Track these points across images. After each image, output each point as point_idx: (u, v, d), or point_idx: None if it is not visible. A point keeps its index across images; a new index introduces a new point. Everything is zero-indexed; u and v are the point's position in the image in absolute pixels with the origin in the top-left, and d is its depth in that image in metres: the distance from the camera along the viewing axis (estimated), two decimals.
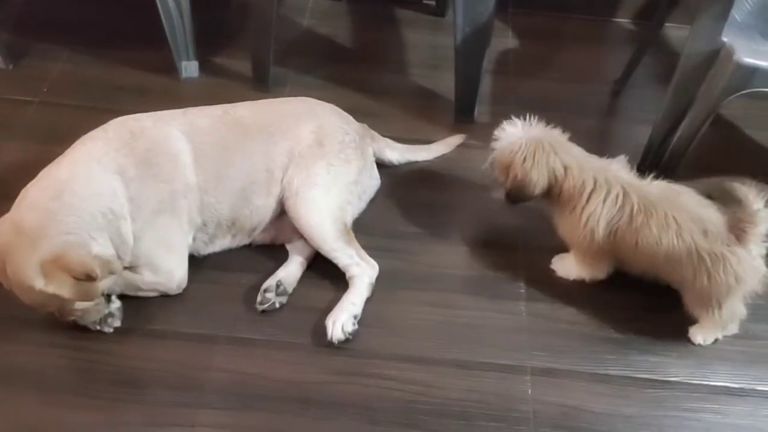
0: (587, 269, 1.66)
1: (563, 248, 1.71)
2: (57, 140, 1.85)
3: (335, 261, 1.64)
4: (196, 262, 1.66)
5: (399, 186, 1.91)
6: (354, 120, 1.83)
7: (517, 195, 1.59)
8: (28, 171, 1.50)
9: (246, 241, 1.72)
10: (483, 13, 1.84)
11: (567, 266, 1.70)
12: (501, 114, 2.17)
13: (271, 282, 1.62)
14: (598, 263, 1.63)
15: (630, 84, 2.24)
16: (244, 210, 1.65)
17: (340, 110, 1.82)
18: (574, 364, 1.56)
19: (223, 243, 1.70)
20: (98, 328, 1.53)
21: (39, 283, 1.36)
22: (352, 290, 1.61)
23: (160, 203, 1.53)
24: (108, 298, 1.54)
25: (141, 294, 1.60)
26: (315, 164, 1.67)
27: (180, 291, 1.61)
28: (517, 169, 1.55)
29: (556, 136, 1.60)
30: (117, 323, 1.54)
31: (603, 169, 1.58)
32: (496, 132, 1.61)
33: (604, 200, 1.53)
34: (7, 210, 1.46)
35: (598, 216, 1.53)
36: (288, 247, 1.71)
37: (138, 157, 1.52)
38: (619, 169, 1.59)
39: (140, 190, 1.50)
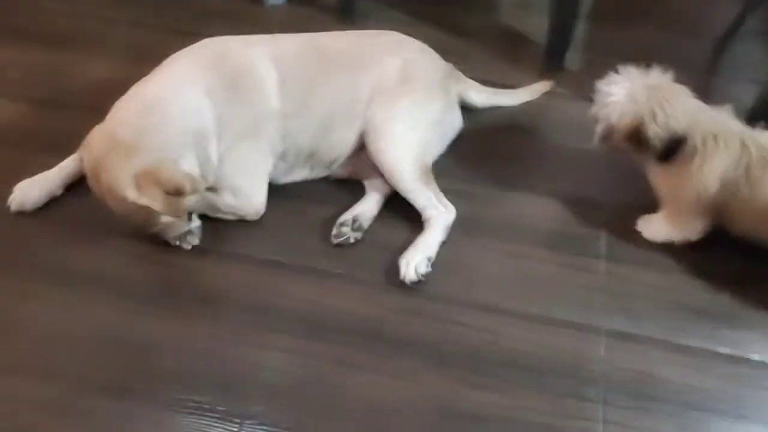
0: (679, 230, 1.57)
1: (651, 208, 1.64)
2: (143, 59, 1.87)
3: (412, 201, 1.62)
4: (274, 190, 1.65)
5: (481, 130, 1.86)
6: (441, 58, 1.78)
7: (626, 144, 1.51)
8: (117, 88, 1.52)
9: (324, 173, 1.71)
10: None
11: (655, 227, 1.62)
12: (593, 63, 2.10)
13: (347, 216, 1.61)
14: (693, 223, 1.54)
15: (735, 40, 2.09)
16: (324, 142, 1.64)
17: (427, 47, 1.77)
18: (652, 330, 1.50)
19: (302, 173, 1.69)
20: (178, 243, 1.56)
21: (132, 194, 1.39)
22: (428, 232, 1.59)
23: (245, 126, 1.53)
24: (189, 216, 1.56)
25: (220, 215, 1.61)
26: (399, 100, 1.63)
27: (258, 217, 1.62)
28: (635, 118, 1.46)
29: (677, 86, 1.50)
30: (196, 241, 1.57)
31: (721, 121, 1.48)
32: (607, 78, 1.52)
33: (723, 153, 1.44)
34: (97, 123, 1.49)
35: (714, 170, 1.45)
36: (365, 183, 1.69)
37: (225, 79, 1.51)
38: (732, 119, 1.50)
39: (226, 112, 1.51)
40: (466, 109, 1.84)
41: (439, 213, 1.61)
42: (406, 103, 1.63)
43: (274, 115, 1.57)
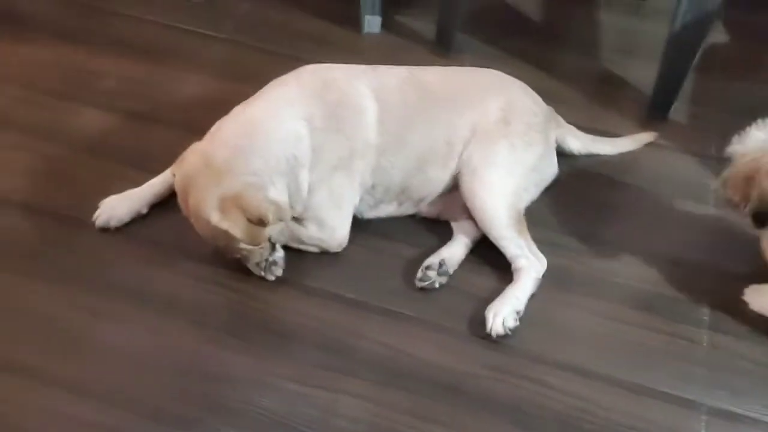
0: None
1: (760, 277, 1.52)
2: (238, 79, 1.90)
3: (503, 249, 1.54)
4: (358, 224, 1.60)
5: (577, 179, 1.76)
6: (542, 101, 1.71)
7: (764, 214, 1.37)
8: (210, 106, 1.52)
9: (411, 210, 1.65)
10: (713, 1, 1.63)
11: (765, 299, 1.50)
12: (700, 116, 1.99)
13: (434, 260, 1.54)
14: None
15: None
16: (416, 179, 1.58)
17: (528, 88, 1.70)
18: (759, 411, 1.37)
19: (388, 209, 1.63)
20: (261, 273, 1.52)
21: (214, 217, 1.37)
22: (518, 283, 1.50)
23: (340, 159, 1.49)
24: (273, 246, 1.52)
25: (302, 247, 1.57)
26: (498, 143, 1.56)
27: (339, 250, 1.57)
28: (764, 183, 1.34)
29: None
30: (279, 272, 1.52)
31: None
32: (735, 137, 1.41)
33: None
34: (189, 142, 1.48)
35: None
36: (453, 225, 1.62)
37: (327, 108, 1.48)
38: None
39: (324, 142, 1.47)
40: (562, 154, 1.75)
41: (531, 264, 1.52)
42: (504, 147, 1.56)
43: (371, 148, 1.52)
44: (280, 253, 1.54)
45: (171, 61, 2.04)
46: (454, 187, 1.61)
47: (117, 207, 1.60)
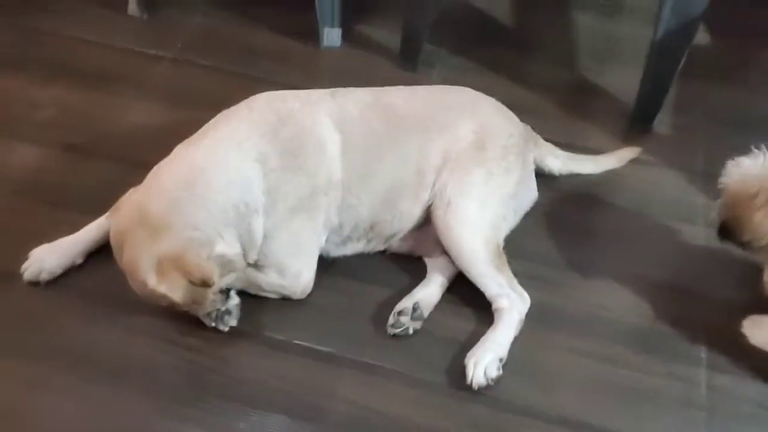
0: None
1: (758, 308, 1.40)
2: (189, 104, 1.74)
3: (482, 288, 1.41)
4: (323, 264, 1.45)
5: (558, 202, 1.64)
6: (517, 120, 1.57)
7: (736, 238, 1.29)
8: (158, 136, 1.37)
9: (381, 247, 1.51)
10: (698, 4, 1.51)
11: (765, 332, 1.39)
12: (685, 126, 1.87)
13: (406, 304, 1.41)
14: None
15: None
16: (386, 214, 1.44)
17: (502, 107, 1.56)
18: None
19: (356, 247, 1.49)
20: (213, 324, 1.37)
21: (151, 280, 1.23)
22: (499, 326, 1.37)
23: (299, 200, 1.35)
24: (227, 293, 1.38)
25: (261, 294, 1.42)
26: (472, 171, 1.43)
27: (304, 296, 1.43)
28: (751, 214, 1.24)
29: None
30: (233, 322, 1.37)
31: None
32: (728, 164, 1.30)
33: None
34: (133, 178, 1.33)
35: None
36: (427, 261, 1.49)
37: (283, 146, 1.33)
38: None
39: (280, 184, 1.32)
40: (540, 175, 1.62)
41: (513, 303, 1.39)
42: (480, 176, 1.42)
43: (334, 186, 1.38)
44: (234, 301, 1.39)
45: (114, 86, 1.86)
46: (426, 221, 1.47)
47: (48, 258, 1.43)
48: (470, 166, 1.42)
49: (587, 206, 1.64)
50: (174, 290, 1.23)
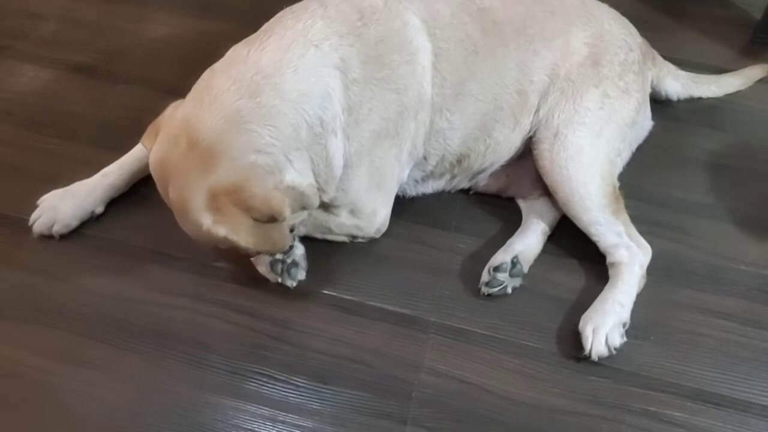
0: None
1: None
2: (221, 15, 1.46)
3: (595, 237, 1.15)
4: (397, 207, 1.19)
5: (675, 131, 1.36)
6: (636, 31, 1.27)
7: None
8: (184, 55, 1.11)
9: (465, 184, 1.25)
10: None
11: None
12: None
13: (503, 257, 1.15)
14: None
15: None
16: (479, 144, 1.17)
17: (618, 14, 1.26)
18: None
19: (437, 184, 1.24)
20: (278, 279, 1.12)
21: (206, 220, 0.95)
22: (619, 284, 1.12)
23: (385, 121, 1.07)
24: (291, 240, 1.12)
25: (329, 237, 1.18)
26: (586, 93, 1.15)
27: (378, 236, 1.18)
28: None
29: None
30: (302, 275, 1.13)
31: None
32: None
33: None
34: (158, 104, 1.03)
35: None
36: (522, 204, 1.23)
37: (367, 51, 1.04)
38: None
39: (363, 99, 1.04)
40: (654, 100, 1.32)
41: (634, 255, 1.14)
42: (595, 98, 1.14)
43: (424, 105, 1.10)
44: (300, 250, 1.14)
45: None
46: (524, 154, 1.21)
47: (61, 207, 1.18)
48: (583, 87, 1.14)
49: (707, 135, 1.36)
50: (237, 231, 0.96)
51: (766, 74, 1.41)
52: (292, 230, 1.08)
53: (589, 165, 1.13)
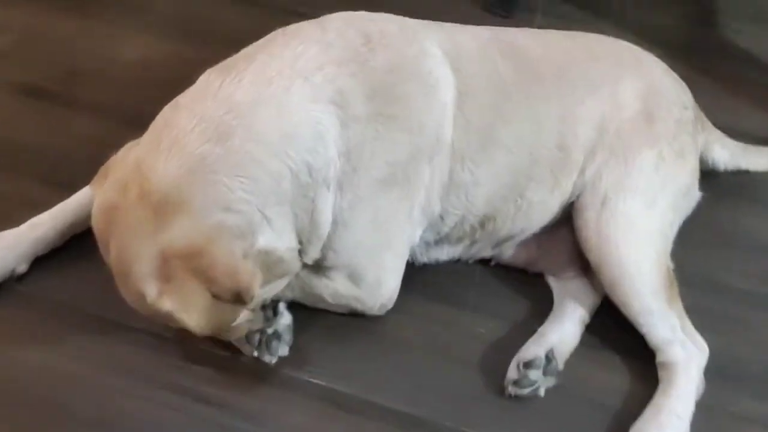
0: None
1: None
2: (204, 38, 1.31)
3: (644, 329, 0.96)
4: (403, 275, 0.98)
5: (723, 206, 1.17)
6: (687, 88, 1.10)
7: None
8: (160, 81, 0.97)
9: (487, 253, 1.06)
10: None
11: None
12: None
13: (536, 351, 0.94)
14: None
15: None
16: (507, 205, 0.99)
17: (668, 67, 1.10)
18: None
19: (453, 251, 1.04)
20: (255, 354, 0.91)
21: (150, 289, 0.77)
22: (674, 390, 0.92)
23: (392, 167, 0.88)
24: (274, 308, 0.91)
25: (322, 307, 0.97)
26: (639, 153, 0.97)
27: (382, 313, 0.98)
28: None
29: None
30: (284, 350, 0.91)
31: None
32: None
33: None
34: (122, 137, 0.88)
35: None
36: (553, 284, 1.04)
37: (373, 82, 0.87)
38: None
39: (365, 139, 0.86)
40: None
41: (690, 355, 0.94)
42: (649, 160, 0.97)
43: (443, 149, 0.92)
44: (284, 320, 0.92)
45: (104, 11, 1.39)
46: (560, 222, 1.02)
47: None
48: (635, 146, 0.97)
49: (758, 213, 1.19)
50: (187, 308, 0.77)
51: None
52: (266, 305, 0.89)
53: (642, 239, 0.95)
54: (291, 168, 0.82)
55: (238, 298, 0.78)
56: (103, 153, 0.88)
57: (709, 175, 1.18)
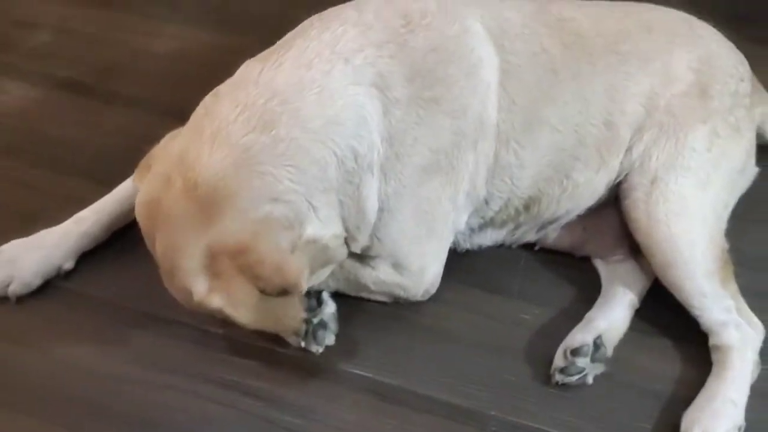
0: None
1: None
2: (239, 28, 1.29)
3: (697, 312, 0.92)
4: (446, 263, 0.96)
5: None
6: (744, 59, 1.04)
7: None
8: (196, 74, 0.96)
9: (531, 237, 1.03)
10: None
11: None
12: None
13: (584, 338, 0.92)
14: None
15: None
16: (552, 186, 0.96)
17: (724, 37, 1.04)
18: None
19: (497, 235, 1.02)
20: (302, 344, 0.90)
21: (199, 286, 0.76)
22: (729, 373, 0.89)
23: (435, 153, 0.86)
24: (318, 297, 0.91)
25: (364, 295, 0.97)
26: (692, 130, 0.93)
27: (425, 298, 0.96)
28: None
29: None
30: (330, 339, 0.91)
31: None
32: None
33: None
34: (161, 131, 0.86)
35: None
36: (601, 268, 1.01)
37: (414, 64, 0.84)
38: None
39: (408, 125, 0.84)
40: None
41: (746, 337, 0.91)
42: (703, 137, 0.93)
43: (488, 132, 0.89)
44: (329, 308, 0.92)
45: (134, 3, 1.38)
46: (608, 203, 0.98)
47: (21, 260, 0.98)
48: (689, 123, 0.92)
49: None
50: (236, 304, 0.76)
51: None
52: (312, 294, 0.89)
53: (695, 220, 0.91)
54: (336, 154, 0.81)
55: (286, 293, 0.77)
56: (140, 147, 0.88)
57: (765, 149, 1.14)
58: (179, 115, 0.87)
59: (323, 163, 0.80)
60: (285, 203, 0.78)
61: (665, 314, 0.96)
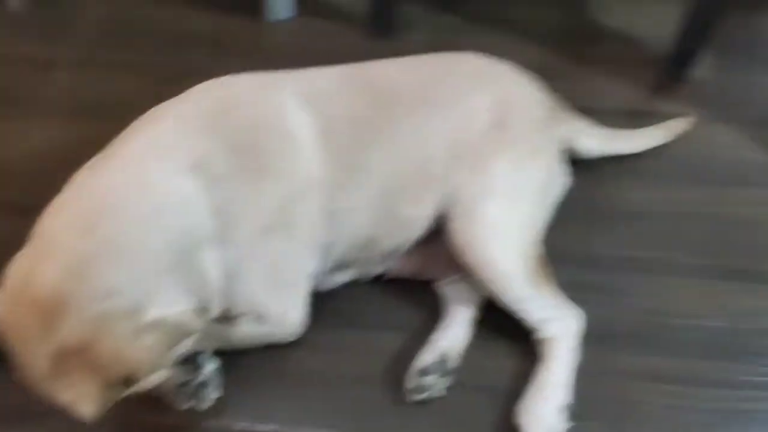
0: None
1: None
2: (103, 115, 1.32)
3: (521, 314, 1.07)
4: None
5: (596, 185, 1.28)
6: (540, 89, 1.21)
7: None
8: (62, 167, 0.93)
9: (377, 270, 1.15)
10: None
11: None
12: (730, 70, 1.53)
13: (429, 357, 1.06)
14: None
15: None
16: (385, 223, 1.08)
17: (520, 74, 1.20)
18: None
19: (349, 273, 1.14)
20: (188, 405, 0.99)
21: (53, 388, 0.83)
22: (553, 363, 1.04)
23: (270, 214, 0.97)
24: (194, 360, 1.00)
25: (241, 348, 1.06)
26: (495, 160, 1.08)
27: (294, 338, 1.07)
28: None
29: None
30: (215, 393, 1.00)
31: None
32: None
33: None
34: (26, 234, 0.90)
35: None
36: (440, 290, 1.14)
37: (231, 140, 0.95)
38: None
39: (235, 195, 0.94)
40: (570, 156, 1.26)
41: (565, 329, 1.06)
42: (504, 165, 1.07)
43: (314, 185, 1.01)
44: (210, 367, 1.01)
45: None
46: (438, 231, 1.11)
47: None
48: (491, 153, 1.07)
49: (627, 186, 1.29)
50: (84, 398, 0.83)
51: (690, 127, 1.35)
52: (187, 359, 0.97)
53: (507, 239, 1.05)
54: (166, 238, 0.89)
55: (128, 382, 0.85)
56: (9, 249, 0.89)
57: (584, 159, 1.28)
58: (27, 214, 0.91)
59: (154, 249, 0.87)
60: (122, 295, 0.85)
61: (504, 319, 1.09)
